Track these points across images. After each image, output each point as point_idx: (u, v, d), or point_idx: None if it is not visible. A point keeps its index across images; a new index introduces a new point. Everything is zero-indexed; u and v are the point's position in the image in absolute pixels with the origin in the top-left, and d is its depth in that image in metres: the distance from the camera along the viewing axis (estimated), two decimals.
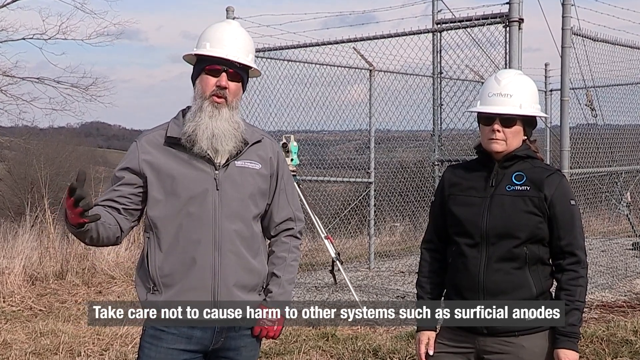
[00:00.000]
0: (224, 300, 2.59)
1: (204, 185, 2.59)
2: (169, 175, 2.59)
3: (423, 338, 2.82)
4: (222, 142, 2.59)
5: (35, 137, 23.44)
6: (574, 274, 2.66)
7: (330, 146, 11.43)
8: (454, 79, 7.15)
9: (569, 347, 2.62)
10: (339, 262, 7.04)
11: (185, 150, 2.60)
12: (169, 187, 2.58)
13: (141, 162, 2.60)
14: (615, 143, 8.07)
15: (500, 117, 2.69)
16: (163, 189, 2.59)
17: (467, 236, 2.71)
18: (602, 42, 7.31)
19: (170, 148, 2.61)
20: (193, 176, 2.59)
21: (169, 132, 2.62)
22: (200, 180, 2.59)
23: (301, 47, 8.27)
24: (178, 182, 2.58)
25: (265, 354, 5.42)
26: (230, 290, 2.60)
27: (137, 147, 2.63)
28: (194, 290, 2.57)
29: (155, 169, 2.59)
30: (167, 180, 2.59)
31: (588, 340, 5.44)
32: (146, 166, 2.60)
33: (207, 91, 2.60)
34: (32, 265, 8.48)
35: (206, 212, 2.58)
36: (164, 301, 2.58)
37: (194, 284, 2.57)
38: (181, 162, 2.60)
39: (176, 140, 2.61)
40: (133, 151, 2.63)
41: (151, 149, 2.61)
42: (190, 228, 2.57)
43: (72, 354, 5.70)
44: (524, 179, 2.69)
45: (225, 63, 2.60)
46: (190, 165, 2.60)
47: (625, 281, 8.07)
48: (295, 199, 2.84)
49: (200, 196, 2.58)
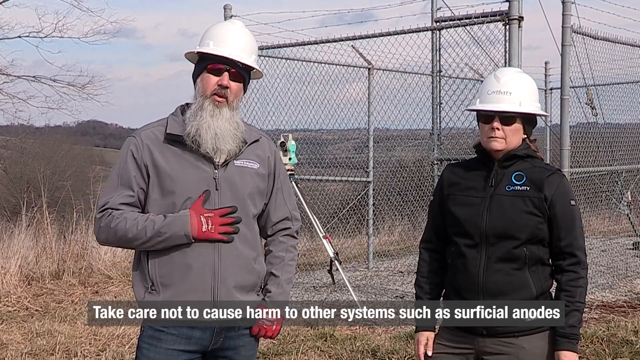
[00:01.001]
0: (223, 301, 2.57)
1: (203, 184, 2.57)
2: (168, 173, 2.56)
3: (422, 338, 2.81)
4: (223, 142, 2.57)
5: (31, 136, 23.38)
6: (574, 274, 2.63)
7: (328, 145, 11.39)
8: (454, 78, 7.11)
9: (569, 348, 2.59)
10: (338, 262, 7.00)
11: (185, 149, 2.57)
12: (169, 185, 2.55)
13: (146, 160, 2.56)
14: (615, 142, 8.05)
15: (500, 114, 2.66)
16: (162, 187, 2.56)
17: (467, 236, 2.68)
18: (603, 40, 7.28)
19: (169, 145, 2.58)
20: (193, 175, 2.57)
21: (169, 128, 2.59)
22: (200, 179, 2.57)
23: (299, 45, 8.23)
24: (177, 180, 2.55)
25: (264, 354, 5.38)
26: (229, 290, 2.58)
27: (140, 144, 2.57)
28: (193, 291, 2.55)
29: (155, 166, 2.56)
30: (166, 178, 2.55)
31: (588, 341, 5.41)
32: (149, 164, 2.57)
33: (209, 90, 2.58)
34: (28, 265, 8.43)
35: None
36: (163, 301, 2.55)
37: (193, 284, 2.54)
38: (181, 160, 2.57)
39: (176, 137, 2.58)
40: (137, 148, 2.57)
41: (151, 146, 2.57)
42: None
43: (68, 354, 5.65)
44: (524, 179, 2.66)
45: (228, 62, 2.58)
46: (190, 164, 2.57)
47: (625, 281, 8.04)
48: (292, 198, 2.83)
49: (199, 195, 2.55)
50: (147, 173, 2.57)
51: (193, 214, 2.48)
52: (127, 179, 2.56)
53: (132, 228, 2.50)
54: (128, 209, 2.56)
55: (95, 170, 24.46)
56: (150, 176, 2.56)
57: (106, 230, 2.55)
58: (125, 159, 2.58)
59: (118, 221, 2.52)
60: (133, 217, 2.52)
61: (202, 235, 2.47)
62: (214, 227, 2.46)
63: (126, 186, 2.56)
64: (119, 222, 2.52)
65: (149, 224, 2.49)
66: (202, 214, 2.47)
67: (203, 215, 2.47)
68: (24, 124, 19.43)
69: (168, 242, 2.51)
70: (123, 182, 2.57)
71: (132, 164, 2.57)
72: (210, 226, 2.46)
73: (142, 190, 2.58)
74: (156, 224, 2.49)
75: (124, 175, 2.57)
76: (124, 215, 2.52)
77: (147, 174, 2.56)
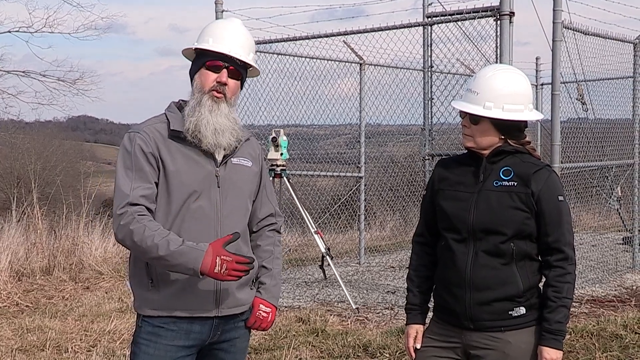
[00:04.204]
0: (225, 297, 2.60)
1: (206, 181, 2.58)
2: (173, 169, 2.55)
3: (411, 332, 2.84)
4: (223, 137, 2.58)
5: (21, 131, 23.27)
6: (561, 270, 2.63)
7: (320, 140, 11.40)
8: (445, 73, 7.11)
9: (553, 345, 2.60)
10: (329, 257, 7.00)
11: (187, 145, 2.57)
12: (173, 181, 2.55)
13: (155, 154, 2.53)
14: (605, 137, 8.08)
15: (468, 113, 2.66)
16: (168, 183, 2.55)
17: (455, 231, 2.69)
18: (593, 36, 7.30)
19: (172, 141, 2.57)
20: (196, 171, 2.57)
21: (172, 124, 2.58)
22: (203, 176, 2.58)
23: (291, 40, 8.22)
24: (182, 176, 2.55)
25: (255, 349, 5.38)
26: (231, 286, 2.60)
27: (148, 139, 2.53)
28: (196, 287, 2.55)
29: (162, 161, 2.55)
30: (171, 174, 2.55)
31: (578, 335, 5.44)
32: (159, 159, 2.54)
33: (207, 86, 2.59)
34: (18, 260, 8.39)
35: (208, 209, 2.57)
36: (164, 298, 2.55)
37: (195, 281, 2.54)
38: (185, 156, 2.57)
39: (178, 133, 2.57)
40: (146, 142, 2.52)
41: (158, 141, 2.56)
42: (192, 224, 2.54)
43: (59, 350, 5.63)
44: (512, 174, 2.65)
45: (227, 60, 2.59)
46: (193, 160, 2.58)
47: (615, 275, 8.09)
48: (273, 195, 2.88)
49: (203, 192, 2.57)
50: (157, 167, 2.54)
51: (210, 253, 2.40)
52: (143, 173, 2.52)
53: (148, 239, 2.41)
54: (148, 203, 2.50)
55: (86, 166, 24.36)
56: (159, 171, 2.55)
57: (124, 231, 2.46)
58: (135, 153, 2.53)
59: (138, 226, 2.43)
60: (154, 228, 2.44)
61: (212, 274, 2.41)
62: (227, 271, 2.39)
63: (143, 179, 2.51)
64: (138, 227, 2.43)
65: (163, 243, 2.41)
66: (220, 255, 2.40)
67: (220, 256, 2.39)
68: (13, 119, 19.36)
69: (175, 269, 2.45)
70: (139, 176, 2.51)
71: (143, 157, 2.52)
72: (223, 270, 2.39)
73: (156, 185, 2.55)
74: (170, 246, 2.41)
75: (138, 169, 2.52)
76: (144, 223, 2.44)
77: (157, 167, 2.55)
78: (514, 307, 2.62)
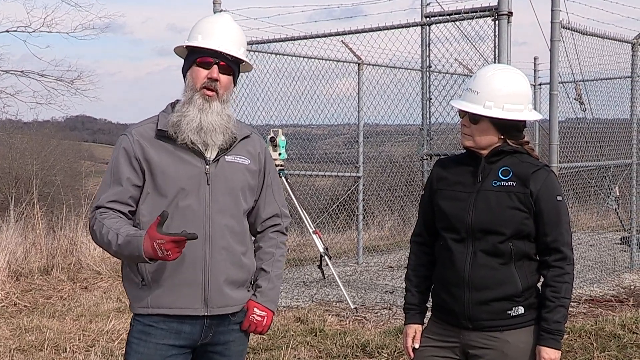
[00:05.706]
0: (214, 296, 2.58)
1: (194, 179, 2.57)
2: (160, 168, 2.56)
3: (410, 331, 2.84)
4: (212, 136, 2.57)
5: (19, 131, 23.23)
6: (559, 270, 2.63)
7: (318, 140, 11.40)
8: (443, 73, 7.12)
9: (551, 345, 2.61)
10: (328, 257, 7.00)
11: (177, 144, 2.57)
12: (160, 180, 2.55)
13: (139, 156, 2.56)
14: (604, 137, 8.09)
15: (468, 112, 2.65)
16: (153, 182, 2.56)
17: (453, 231, 2.69)
18: (591, 36, 7.31)
19: (160, 141, 2.58)
20: (184, 170, 2.57)
21: (160, 125, 2.59)
22: (191, 174, 2.57)
23: (289, 40, 8.22)
24: (169, 175, 2.55)
25: (254, 349, 5.38)
26: (220, 285, 2.58)
27: (132, 141, 2.57)
28: (184, 285, 2.55)
29: (147, 161, 2.56)
30: (158, 173, 2.56)
31: (576, 335, 5.44)
32: (142, 160, 2.56)
33: (198, 83, 2.58)
34: (16, 260, 8.39)
35: (197, 207, 2.56)
36: (154, 296, 2.55)
37: (184, 279, 2.54)
38: (172, 155, 2.57)
39: (165, 132, 2.58)
40: (129, 145, 2.57)
41: (144, 142, 2.58)
42: (181, 223, 2.53)
43: (57, 350, 5.62)
44: (510, 174, 2.65)
45: (217, 55, 2.58)
46: (181, 159, 2.57)
47: (613, 275, 8.09)
48: (281, 195, 2.84)
49: (191, 191, 2.56)
50: (140, 169, 2.56)
51: (147, 239, 2.39)
52: (119, 178, 2.56)
53: (105, 236, 2.49)
54: (118, 206, 2.55)
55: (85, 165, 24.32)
56: (145, 172, 2.56)
57: (91, 233, 2.58)
58: (117, 157, 2.58)
59: (98, 226, 2.52)
60: (110, 224, 2.50)
61: (157, 257, 2.41)
62: (168, 252, 2.37)
63: (117, 184, 2.56)
64: (98, 227, 2.52)
65: (113, 238, 2.46)
66: (155, 239, 2.37)
67: (155, 240, 2.37)
68: (11, 118, 19.33)
69: (129, 259, 2.51)
70: (115, 180, 2.57)
71: (125, 161, 2.56)
72: (165, 253, 2.37)
73: (135, 187, 2.57)
74: (119, 239, 2.45)
75: (116, 174, 2.57)
76: (104, 222, 2.51)
77: (142, 169, 2.56)
78: (512, 307, 2.63)
